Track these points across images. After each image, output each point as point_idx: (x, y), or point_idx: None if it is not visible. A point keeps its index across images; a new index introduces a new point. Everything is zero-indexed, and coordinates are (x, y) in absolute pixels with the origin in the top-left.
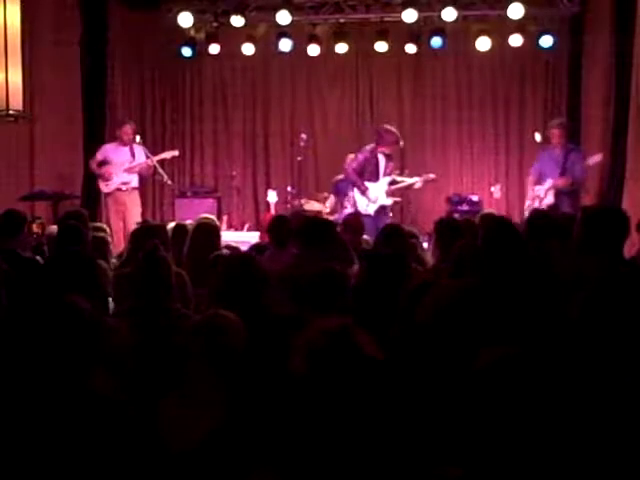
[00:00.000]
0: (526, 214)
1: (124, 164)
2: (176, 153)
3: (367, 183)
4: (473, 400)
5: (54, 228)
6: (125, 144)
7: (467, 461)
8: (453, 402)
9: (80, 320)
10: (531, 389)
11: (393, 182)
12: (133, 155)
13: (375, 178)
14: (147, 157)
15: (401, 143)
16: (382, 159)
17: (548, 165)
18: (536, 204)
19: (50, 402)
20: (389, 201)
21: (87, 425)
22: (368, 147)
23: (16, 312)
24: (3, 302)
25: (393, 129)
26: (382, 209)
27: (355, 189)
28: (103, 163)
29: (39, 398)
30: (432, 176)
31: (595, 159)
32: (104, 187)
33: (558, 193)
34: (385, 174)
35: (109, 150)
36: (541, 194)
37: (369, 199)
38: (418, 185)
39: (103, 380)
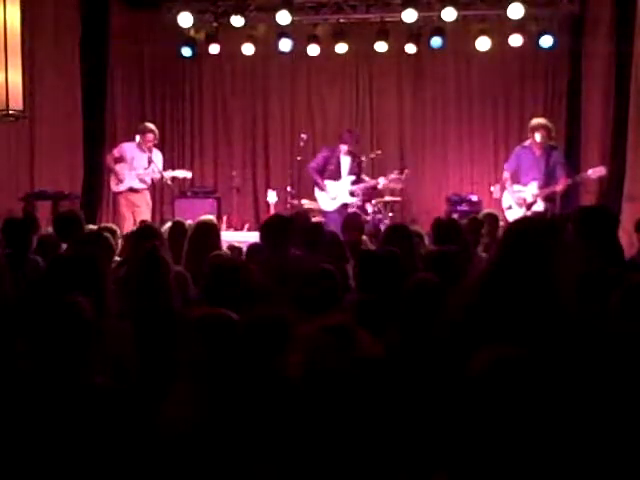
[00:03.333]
0: (511, 218)
1: (137, 169)
2: (189, 175)
3: (327, 181)
4: (470, 402)
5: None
6: (144, 151)
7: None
8: (451, 403)
9: (79, 319)
10: (529, 392)
11: (357, 181)
12: (149, 162)
13: (336, 177)
14: (160, 171)
15: (355, 143)
16: (346, 159)
17: (527, 165)
18: (523, 210)
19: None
20: (352, 199)
21: (88, 417)
22: (331, 147)
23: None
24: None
25: (353, 129)
26: (344, 207)
27: (315, 187)
28: (118, 160)
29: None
30: (395, 175)
31: (598, 172)
32: (114, 186)
33: (547, 199)
34: (350, 173)
35: (126, 149)
36: (528, 198)
37: (328, 196)
38: (381, 186)
39: (103, 376)
